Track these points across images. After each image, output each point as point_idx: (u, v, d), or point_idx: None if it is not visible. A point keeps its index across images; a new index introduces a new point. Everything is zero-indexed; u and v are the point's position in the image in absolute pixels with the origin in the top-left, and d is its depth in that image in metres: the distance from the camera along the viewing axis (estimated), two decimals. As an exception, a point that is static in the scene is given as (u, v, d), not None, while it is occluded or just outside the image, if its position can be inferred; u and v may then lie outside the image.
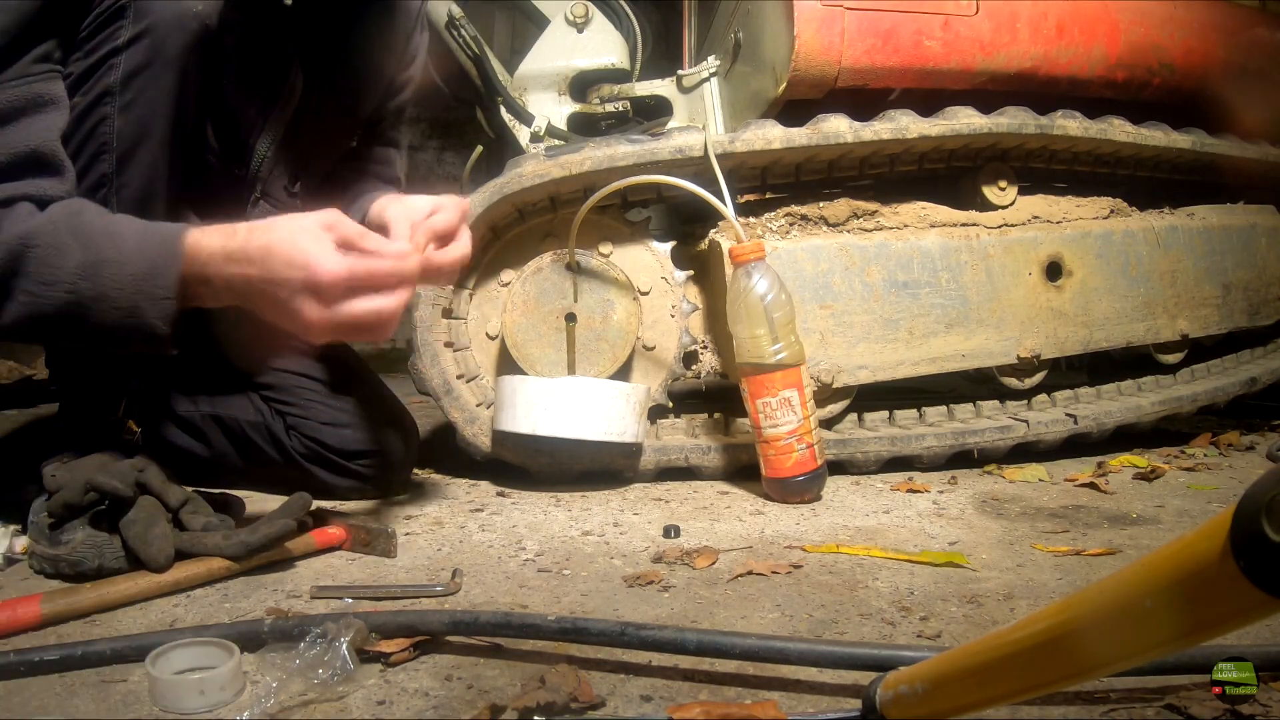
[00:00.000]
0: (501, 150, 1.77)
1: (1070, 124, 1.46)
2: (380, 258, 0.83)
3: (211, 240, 0.82)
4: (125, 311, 0.80)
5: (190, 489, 0.98)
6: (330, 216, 0.83)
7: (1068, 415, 1.46)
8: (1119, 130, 1.50)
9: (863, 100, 1.43)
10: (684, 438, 1.41)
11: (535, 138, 1.66)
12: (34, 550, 0.92)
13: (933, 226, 1.44)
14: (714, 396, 1.53)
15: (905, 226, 1.44)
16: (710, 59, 1.64)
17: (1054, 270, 1.47)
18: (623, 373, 1.39)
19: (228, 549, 0.91)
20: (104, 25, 0.87)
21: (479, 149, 1.94)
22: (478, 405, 1.38)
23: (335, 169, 1.26)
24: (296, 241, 0.79)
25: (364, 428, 1.24)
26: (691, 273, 1.45)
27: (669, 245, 1.43)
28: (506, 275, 1.40)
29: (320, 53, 1.13)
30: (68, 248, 0.79)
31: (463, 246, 0.99)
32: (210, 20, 0.90)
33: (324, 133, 1.17)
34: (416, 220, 0.98)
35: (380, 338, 0.86)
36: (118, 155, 0.89)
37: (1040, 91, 1.50)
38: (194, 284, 0.83)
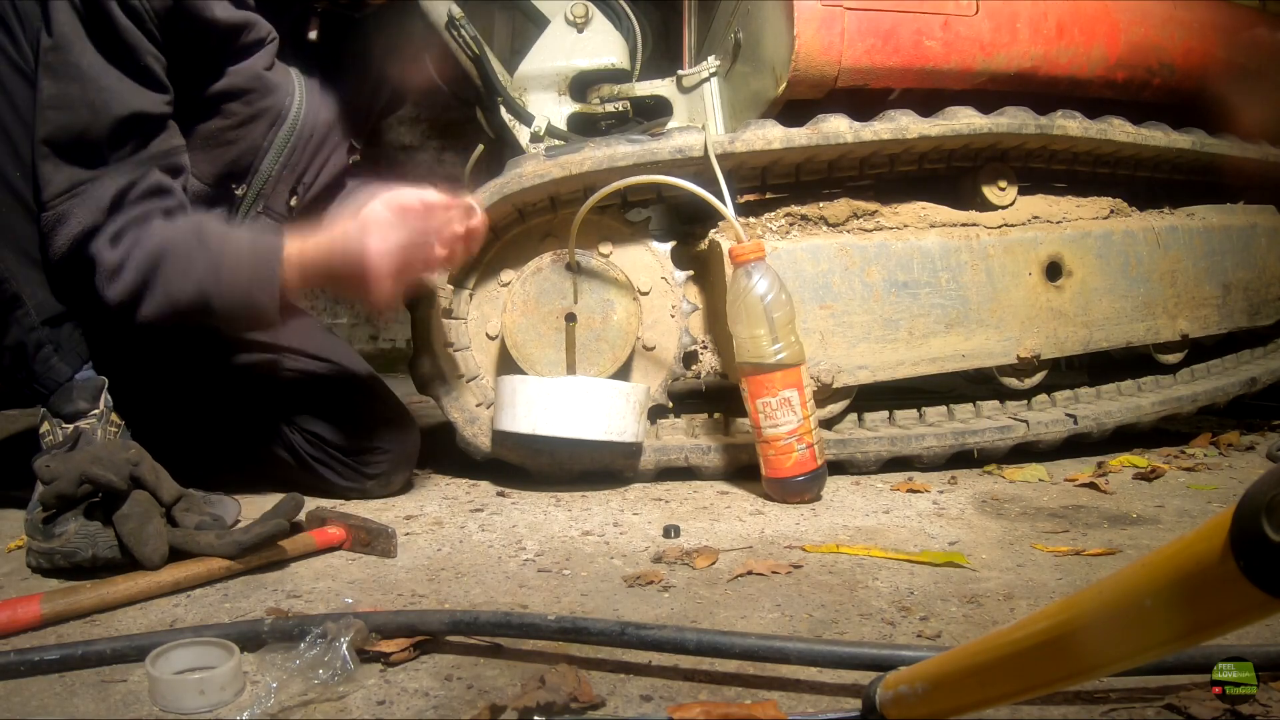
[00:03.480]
0: (501, 150, 1.76)
1: (1070, 124, 1.46)
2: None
3: (292, 248, 1.03)
4: (241, 302, 1.02)
5: (185, 489, 0.98)
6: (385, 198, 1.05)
7: (1068, 415, 1.46)
8: (1119, 130, 1.50)
9: (863, 100, 1.43)
10: (684, 438, 1.41)
11: (535, 138, 1.65)
12: (29, 546, 0.92)
13: (933, 226, 1.44)
14: (714, 396, 1.53)
15: (905, 226, 1.44)
16: (710, 59, 1.63)
17: (1054, 270, 1.47)
18: (623, 373, 1.39)
19: (221, 548, 0.91)
20: None
21: (479, 149, 1.94)
22: (478, 405, 1.38)
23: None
24: (349, 244, 1.02)
25: (366, 425, 1.24)
26: (691, 273, 1.45)
27: (669, 245, 1.43)
28: (506, 275, 1.40)
29: (322, 72, 1.20)
30: (196, 254, 1.00)
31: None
32: None
33: (323, 147, 1.24)
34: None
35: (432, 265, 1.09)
36: None
37: (1040, 91, 1.50)
38: (288, 281, 1.04)
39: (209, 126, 1.10)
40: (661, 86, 1.66)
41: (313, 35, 1.21)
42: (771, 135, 1.33)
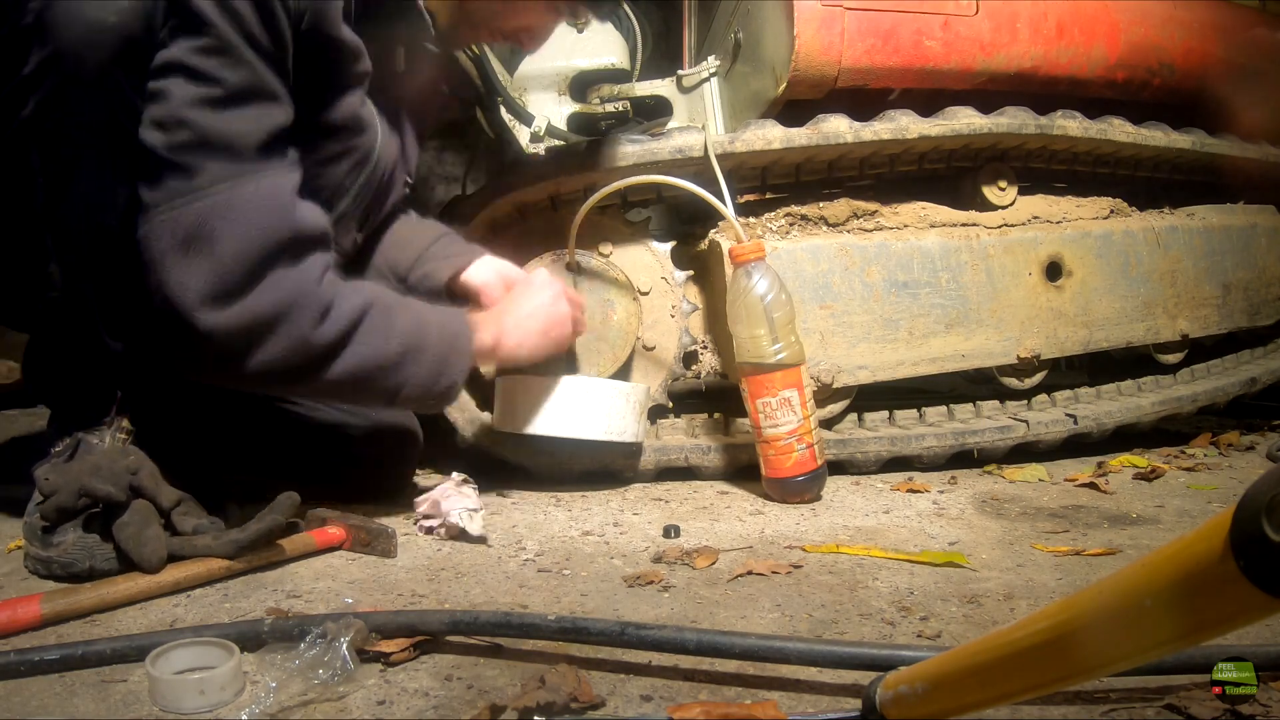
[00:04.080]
0: (501, 150, 1.76)
1: (1070, 124, 1.46)
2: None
3: (479, 334, 1.07)
4: (433, 372, 1.01)
5: (184, 492, 0.98)
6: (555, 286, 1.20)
7: (1068, 415, 1.46)
8: (1119, 130, 1.50)
9: (863, 100, 1.43)
10: (684, 438, 1.41)
11: (535, 138, 1.65)
12: (27, 551, 0.92)
13: (933, 226, 1.44)
14: (714, 396, 1.53)
15: (905, 226, 1.44)
16: (710, 59, 1.63)
17: (1054, 270, 1.47)
18: (623, 373, 1.39)
19: (219, 548, 0.91)
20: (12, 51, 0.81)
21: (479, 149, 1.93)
22: (477, 405, 1.38)
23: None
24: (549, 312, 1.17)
25: (362, 441, 1.21)
26: (691, 273, 1.45)
27: (669, 245, 1.43)
28: (506, 275, 1.40)
29: (389, 104, 1.13)
30: (395, 312, 0.98)
31: None
32: (132, 29, 0.83)
33: (390, 183, 1.18)
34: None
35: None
36: (47, 191, 0.86)
37: (1040, 91, 1.50)
38: (479, 348, 1.07)
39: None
40: (661, 86, 1.66)
41: (401, 67, 1.13)
42: (771, 135, 1.33)
